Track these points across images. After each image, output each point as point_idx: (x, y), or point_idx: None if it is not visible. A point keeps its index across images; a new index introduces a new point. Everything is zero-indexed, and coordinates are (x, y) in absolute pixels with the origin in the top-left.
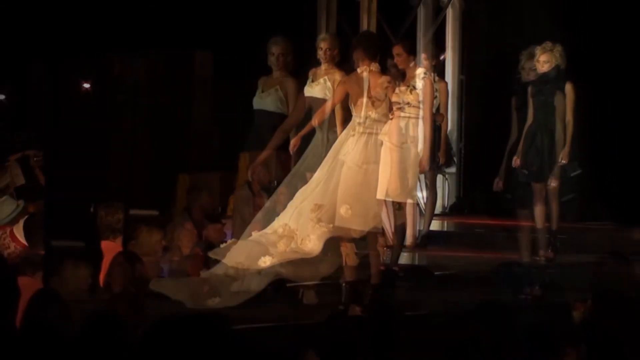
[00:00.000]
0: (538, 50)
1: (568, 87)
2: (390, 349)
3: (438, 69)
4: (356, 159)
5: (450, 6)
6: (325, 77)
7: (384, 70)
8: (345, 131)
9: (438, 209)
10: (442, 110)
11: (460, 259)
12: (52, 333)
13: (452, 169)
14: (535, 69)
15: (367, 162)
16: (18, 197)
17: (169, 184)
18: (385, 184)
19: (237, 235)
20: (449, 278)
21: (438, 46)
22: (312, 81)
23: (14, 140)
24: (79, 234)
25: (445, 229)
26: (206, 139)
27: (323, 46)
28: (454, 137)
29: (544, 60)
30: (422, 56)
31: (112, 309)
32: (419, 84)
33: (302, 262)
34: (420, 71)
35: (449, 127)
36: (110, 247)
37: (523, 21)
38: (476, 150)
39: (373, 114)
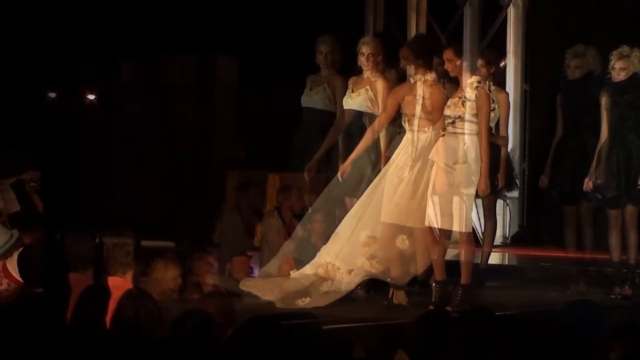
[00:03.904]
0: (613, 55)
1: None
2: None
3: (497, 78)
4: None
5: (512, 5)
6: (368, 87)
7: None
8: (398, 148)
9: (498, 239)
10: (502, 125)
11: (523, 297)
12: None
13: (514, 193)
14: (580, 67)
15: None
16: (12, 226)
17: (188, 211)
18: (434, 209)
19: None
20: (511, 319)
21: (498, 51)
22: (353, 92)
23: (8, 162)
24: (82, 268)
25: (506, 262)
26: (230, 154)
27: (365, 51)
28: (516, 156)
29: (620, 68)
30: (479, 62)
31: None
32: (472, 94)
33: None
34: (473, 80)
35: (511, 145)
36: (118, 284)
37: (595, 22)
38: (542, 171)
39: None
